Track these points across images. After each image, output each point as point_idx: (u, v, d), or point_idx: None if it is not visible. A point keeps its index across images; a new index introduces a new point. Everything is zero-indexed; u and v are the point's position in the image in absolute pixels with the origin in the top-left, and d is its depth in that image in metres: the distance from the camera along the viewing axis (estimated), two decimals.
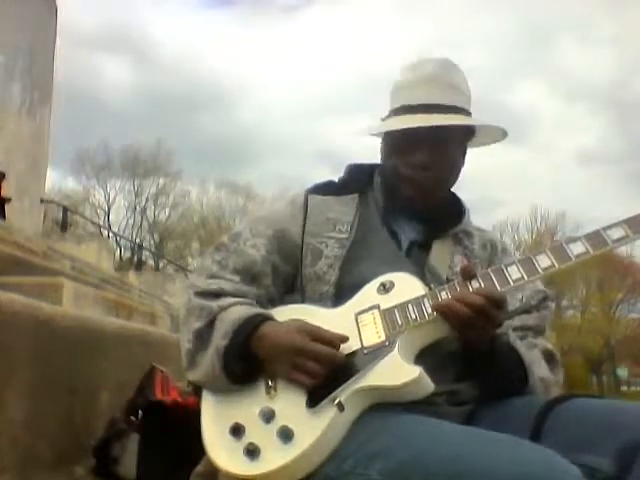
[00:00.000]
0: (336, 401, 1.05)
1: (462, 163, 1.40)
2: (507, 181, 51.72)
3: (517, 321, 1.33)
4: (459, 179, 1.40)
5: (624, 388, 38.17)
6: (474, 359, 1.20)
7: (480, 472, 0.90)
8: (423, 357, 1.14)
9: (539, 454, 0.93)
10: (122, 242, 31.51)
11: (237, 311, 1.19)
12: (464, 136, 1.37)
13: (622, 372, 37.99)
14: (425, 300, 1.15)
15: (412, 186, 1.33)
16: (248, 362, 1.15)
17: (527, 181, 50.35)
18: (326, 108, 56.15)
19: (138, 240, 32.17)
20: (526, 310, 1.35)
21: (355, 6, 58.69)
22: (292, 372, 1.11)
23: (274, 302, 1.29)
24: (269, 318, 1.19)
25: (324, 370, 1.10)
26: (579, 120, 53.59)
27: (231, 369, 1.15)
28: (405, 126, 1.29)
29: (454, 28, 53.61)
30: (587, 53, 52.79)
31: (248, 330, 1.15)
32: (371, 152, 1.48)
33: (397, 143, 1.34)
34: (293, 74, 55.96)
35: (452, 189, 1.43)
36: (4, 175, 11.04)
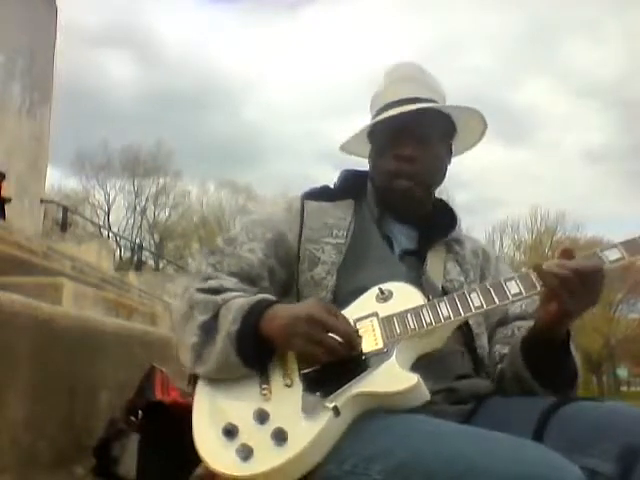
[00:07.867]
0: (332, 405, 1.04)
1: (448, 161, 1.44)
2: (507, 181, 51.78)
3: (513, 328, 1.35)
4: (458, 181, 1.43)
5: (624, 388, 38.15)
6: (551, 342, 1.18)
7: (481, 472, 0.90)
8: (422, 355, 1.14)
9: (541, 454, 0.93)
10: (122, 242, 31.50)
11: (243, 299, 1.18)
12: (446, 132, 1.41)
13: (622, 372, 37.97)
14: (424, 310, 1.15)
15: (401, 180, 1.35)
16: (262, 344, 1.14)
17: (529, 181, 50.37)
18: (327, 108, 56.25)
19: (138, 240, 32.19)
20: (523, 317, 1.36)
21: (357, 4, 58.77)
22: (308, 344, 1.09)
23: None
24: (277, 302, 1.19)
25: (341, 350, 1.08)
26: (584, 119, 53.58)
27: (246, 352, 1.14)
28: (390, 113, 1.33)
29: (458, 27, 53.60)
30: (593, 52, 52.73)
31: (259, 311, 1.15)
32: None
33: (383, 139, 1.38)
34: (294, 73, 56.09)
35: (447, 196, 1.45)
36: (4, 175, 11.03)
